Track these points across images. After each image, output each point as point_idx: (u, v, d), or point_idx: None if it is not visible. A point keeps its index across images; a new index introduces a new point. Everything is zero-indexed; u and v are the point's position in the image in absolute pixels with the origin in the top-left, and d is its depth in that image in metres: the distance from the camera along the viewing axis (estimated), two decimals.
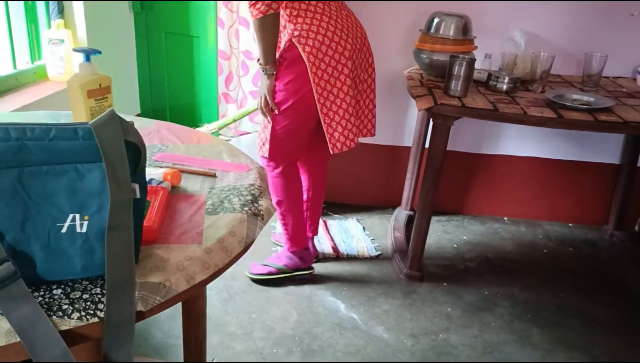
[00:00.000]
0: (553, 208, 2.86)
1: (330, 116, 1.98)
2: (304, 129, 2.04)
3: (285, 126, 2.01)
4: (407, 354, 1.89)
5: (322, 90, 1.94)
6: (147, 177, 1.17)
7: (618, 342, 2.01)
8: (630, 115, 2.02)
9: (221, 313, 2.05)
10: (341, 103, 1.96)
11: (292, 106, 1.97)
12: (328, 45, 1.90)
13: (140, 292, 0.84)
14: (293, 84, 1.94)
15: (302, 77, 1.92)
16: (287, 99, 1.96)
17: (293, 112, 1.98)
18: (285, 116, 1.99)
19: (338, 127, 1.99)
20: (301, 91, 1.94)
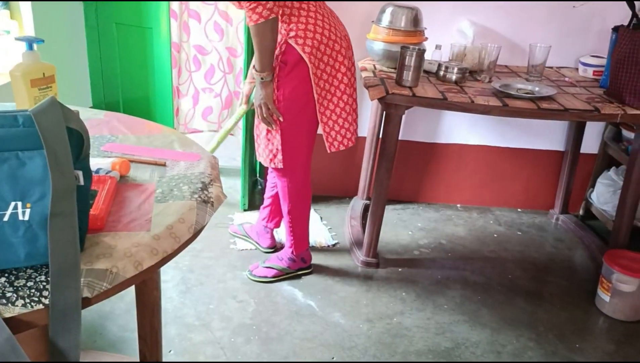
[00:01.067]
0: (503, 195, 2.97)
1: (327, 115, 1.98)
2: (315, 133, 2.02)
3: (297, 134, 1.97)
4: (363, 338, 1.94)
5: (321, 90, 1.93)
6: (95, 167, 1.17)
7: (561, 319, 2.12)
8: (571, 103, 2.12)
9: (178, 305, 2.04)
10: (338, 102, 1.97)
11: (302, 111, 1.94)
12: (326, 44, 1.88)
13: (86, 279, 0.84)
14: (299, 89, 1.90)
15: (306, 80, 1.89)
16: (295, 106, 1.92)
17: (304, 118, 1.95)
18: (296, 124, 1.95)
19: (335, 126, 2.00)
20: (307, 95, 1.91)
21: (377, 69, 2.40)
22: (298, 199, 2.11)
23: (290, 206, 2.12)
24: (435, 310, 2.12)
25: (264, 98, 1.89)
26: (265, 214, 2.36)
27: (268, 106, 1.90)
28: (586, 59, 2.57)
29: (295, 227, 2.17)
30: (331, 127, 2.00)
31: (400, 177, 2.91)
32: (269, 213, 2.35)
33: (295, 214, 2.14)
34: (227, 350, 1.84)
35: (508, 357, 1.89)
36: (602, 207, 2.65)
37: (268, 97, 1.89)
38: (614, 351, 1.97)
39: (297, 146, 2.00)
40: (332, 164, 2.94)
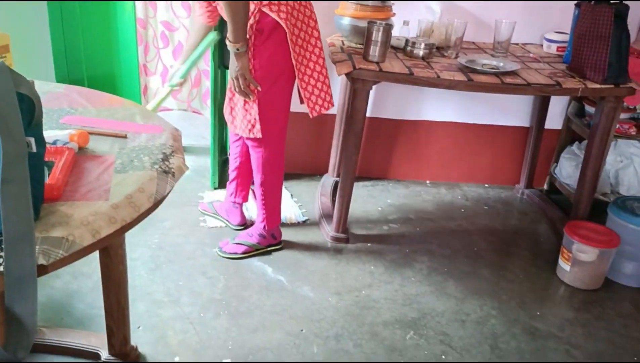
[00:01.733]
0: (470, 170, 3.02)
1: (305, 81, 2.00)
2: (290, 100, 2.03)
3: (275, 102, 1.99)
4: (332, 310, 1.97)
5: (298, 55, 1.94)
6: (52, 138, 1.15)
7: (524, 288, 2.18)
8: (534, 77, 2.16)
9: (147, 282, 2.04)
10: (314, 66, 1.99)
11: (279, 79, 1.95)
12: (298, 9, 1.89)
13: (41, 246, 0.83)
14: (276, 56, 1.91)
15: (283, 46, 1.90)
16: (273, 73, 1.93)
17: (281, 85, 1.97)
18: (273, 92, 1.96)
19: (314, 90, 2.02)
20: (285, 61, 1.92)
21: (345, 45, 2.40)
22: (272, 170, 2.12)
23: (263, 177, 2.13)
24: (403, 282, 2.16)
25: (241, 69, 1.89)
26: (232, 189, 2.35)
27: (245, 77, 1.91)
28: (550, 35, 2.61)
29: (268, 200, 2.17)
30: (311, 91, 2.03)
31: (370, 154, 2.94)
32: (235, 187, 2.34)
33: (268, 186, 2.15)
34: (196, 324, 1.85)
35: (472, 325, 1.95)
36: (565, 181, 2.72)
37: (245, 68, 1.89)
38: (574, 317, 2.05)
39: (275, 114, 2.02)
40: (303, 142, 2.94)
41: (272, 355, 1.75)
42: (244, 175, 2.31)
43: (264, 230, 2.22)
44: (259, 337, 1.82)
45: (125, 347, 1.64)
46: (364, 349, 1.80)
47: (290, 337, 1.83)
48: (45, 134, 1.03)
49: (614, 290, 2.22)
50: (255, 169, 2.14)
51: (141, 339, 1.76)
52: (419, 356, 1.79)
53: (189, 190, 2.66)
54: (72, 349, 1.67)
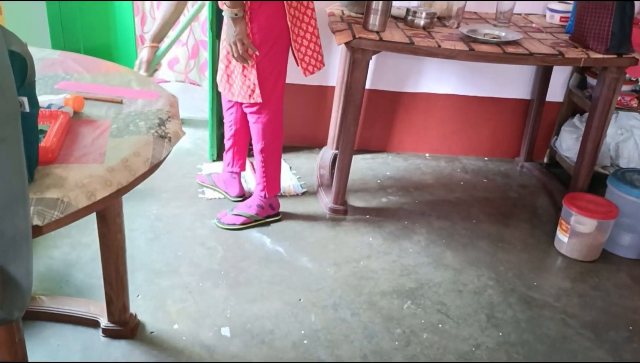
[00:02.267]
0: (470, 143, 3.00)
1: (299, 41, 2.01)
2: (287, 63, 2.04)
3: (273, 65, 1.99)
4: (330, 281, 1.98)
5: (292, 17, 1.95)
6: (47, 102, 1.14)
7: (521, 259, 2.19)
8: (536, 47, 2.13)
9: (146, 252, 2.04)
10: (307, 27, 2.00)
11: (277, 41, 1.96)
12: None
13: (36, 207, 0.83)
14: (273, 18, 1.92)
15: (279, 8, 1.91)
16: (270, 36, 1.93)
17: (279, 48, 1.98)
18: (271, 55, 1.96)
19: (307, 50, 2.04)
20: (281, 23, 1.93)
21: (345, 14, 2.36)
22: (272, 136, 2.11)
23: (263, 143, 2.12)
24: (401, 253, 2.17)
25: (239, 34, 1.88)
26: (229, 159, 2.35)
27: (243, 42, 1.90)
28: (553, 5, 2.57)
29: (268, 167, 2.17)
30: (304, 52, 2.04)
31: (370, 127, 2.92)
32: (232, 156, 2.33)
33: (268, 153, 2.14)
34: (195, 294, 1.86)
35: (469, 295, 1.96)
36: (565, 154, 2.71)
37: (243, 33, 1.89)
38: (570, 288, 2.06)
39: (273, 77, 2.02)
40: (302, 115, 2.92)
41: (270, 323, 1.76)
42: (240, 143, 2.30)
43: (263, 200, 2.22)
44: (257, 306, 1.83)
45: (124, 315, 1.65)
46: (362, 318, 1.82)
47: (289, 306, 1.84)
48: (40, 99, 1.02)
49: (611, 262, 2.23)
50: (255, 136, 2.13)
51: (140, 308, 1.77)
52: (416, 325, 1.80)
53: (188, 162, 2.66)
54: (72, 317, 1.68)
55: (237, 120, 2.24)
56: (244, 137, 2.28)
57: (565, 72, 2.82)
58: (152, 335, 1.69)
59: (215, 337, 1.70)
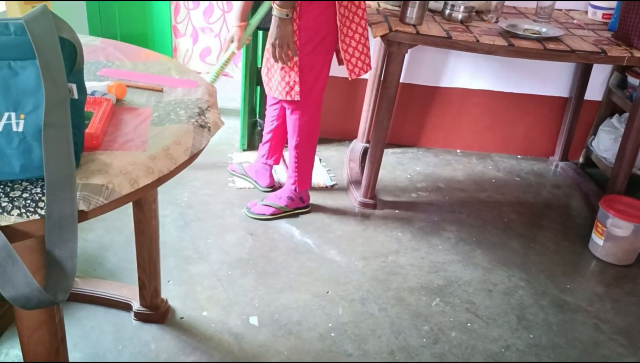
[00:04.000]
0: (503, 141, 2.95)
1: (347, 42, 1.98)
2: (330, 63, 2.01)
3: (316, 65, 1.96)
4: (358, 274, 1.97)
5: (342, 16, 1.92)
6: (91, 89, 1.15)
7: (553, 261, 2.15)
8: (578, 44, 2.07)
9: (177, 239, 2.07)
10: (357, 27, 1.97)
11: (323, 41, 1.93)
12: None
13: (82, 192, 0.84)
14: (322, 17, 1.89)
15: (329, 7, 1.87)
16: (317, 36, 1.90)
17: (324, 48, 1.95)
18: (315, 54, 1.94)
19: (355, 52, 2.01)
20: (330, 22, 1.90)
21: (382, 7, 2.34)
22: (308, 133, 2.11)
23: (298, 140, 2.12)
24: (430, 249, 2.15)
25: (285, 37, 1.85)
26: (264, 151, 2.35)
27: (288, 45, 1.87)
28: (596, 2, 2.50)
29: (301, 163, 2.17)
30: (351, 54, 2.00)
31: (401, 121, 2.89)
32: (268, 149, 2.34)
33: (302, 150, 2.14)
34: (224, 282, 1.88)
35: (499, 296, 1.93)
36: (602, 154, 2.64)
37: (289, 36, 1.85)
38: (604, 292, 2.01)
39: (315, 76, 2.00)
40: (333, 107, 2.91)
41: (297, 314, 1.77)
42: (278, 138, 2.30)
43: (293, 192, 2.22)
44: (285, 296, 1.84)
45: (156, 300, 1.68)
46: (389, 313, 1.81)
47: (316, 298, 1.85)
48: None
49: None
50: (291, 132, 2.13)
51: (171, 293, 1.80)
52: (445, 322, 1.79)
53: (219, 151, 2.68)
54: (105, 299, 1.72)
55: (279, 116, 2.24)
56: (282, 133, 2.29)
57: (605, 71, 2.75)
58: (182, 321, 1.71)
59: (244, 325, 1.71)
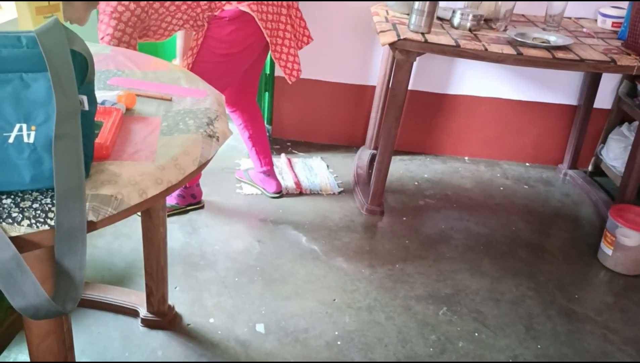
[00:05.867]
0: (512, 148, 2.94)
1: (278, 51, 2.03)
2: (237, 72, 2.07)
3: (225, 73, 2.02)
4: (365, 282, 1.97)
5: (269, 30, 1.95)
6: (101, 99, 1.16)
7: (562, 270, 2.14)
8: (587, 53, 2.07)
9: (184, 246, 2.08)
10: (283, 39, 2.02)
11: (238, 53, 1.97)
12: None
13: (91, 203, 0.85)
14: (239, 33, 1.92)
15: (248, 26, 1.91)
16: (232, 47, 1.94)
17: (238, 59, 1.99)
18: (225, 63, 1.98)
19: (289, 57, 2.06)
20: (247, 38, 1.94)
21: (390, 15, 2.34)
22: None
23: None
24: (437, 258, 2.14)
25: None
26: (254, 160, 2.39)
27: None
28: (605, 10, 2.49)
29: None
30: (285, 59, 2.06)
31: (409, 128, 2.89)
32: (257, 157, 2.37)
33: None
34: (231, 289, 1.89)
35: (507, 305, 1.92)
36: (611, 163, 2.62)
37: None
38: (612, 303, 2.00)
39: (224, 83, 2.07)
40: (340, 114, 2.91)
41: (304, 322, 1.77)
42: (258, 142, 2.35)
43: (182, 190, 2.22)
44: (292, 304, 1.84)
45: (163, 306, 1.69)
46: (396, 322, 1.81)
47: (323, 305, 1.85)
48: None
49: None
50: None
51: (178, 300, 1.81)
52: (452, 332, 1.78)
53: (226, 157, 2.69)
54: (113, 305, 1.73)
55: (247, 123, 2.30)
56: (261, 136, 2.33)
57: (614, 79, 2.73)
58: (188, 328, 1.71)
59: (250, 332, 1.72)
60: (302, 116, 2.92)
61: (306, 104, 2.87)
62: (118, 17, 1.72)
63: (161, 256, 1.63)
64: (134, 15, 1.73)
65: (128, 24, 1.74)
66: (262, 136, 2.33)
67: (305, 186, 2.51)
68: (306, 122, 2.93)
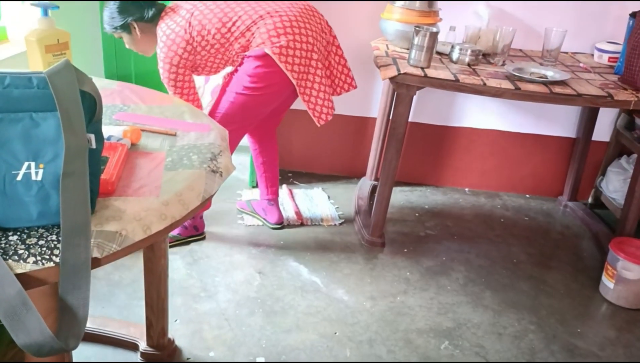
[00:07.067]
0: (511, 180, 2.96)
1: (307, 93, 2.03)
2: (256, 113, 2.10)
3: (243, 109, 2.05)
4: (366, 315, 1.96)
5: (297, 73, 1.97)
6: (107, 134, 1.18)
7: (564, 304, 2.13)
8: (584, 88, 2.10)
9: (185, 277, 2.07)
10: (313, 82, 2.02)
11: (262, 91, 2.00)
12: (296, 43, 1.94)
13: (96, 240, 0.86)
14: (262, 70, 1.95)
15: (273, 69, 1.94)
16: (257, 83, 1.97)
17: (261, 98, 2.02)
18: (247, 98, 2.01)
19: (318, 100, 2.05)
20: (273, 78, 1.96)
21: (390, 49, 2.39)
22: None
23: None
24: (439, 290, 2.13)
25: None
26: (262, 188, 2.41)
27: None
28: (602, 45, 2.54)
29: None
30: (314, 102, 2.05)
31: (409, 159, 2.91)
32: (265, 185, 2.40)
33: None
34: (231, 321, 1.88)
35: (509, 339, 1.91)
36: (611, 195, 2.64)
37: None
38: (615, 337, 1.98)
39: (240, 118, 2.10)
40: (341, 145, 2.94)
41: (305, 355, 1.75)
42: (269, 171, 2.38)
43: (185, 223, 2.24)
44: (292, 337, 1.83)
45: (163, 339, 1.67)
46: (397, 356, 1.79)
47: (324, 338, 1.83)
48: None
49: None
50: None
51: (178, 332, 1.80)
52: None
53: (228, 188, 2.70)
54: (112, 338, 1.71)
55: (261, 152, 2.34)
56: (272, 167, 2.36)
57: (612, 112, 2.77)
58: (188, 362, 1.70)
59: None
60: (304, 147, 2.94)
61: (307, 136, 2.90)
62: (169, 62, 2.00)
63: (162, 288, 1.62)
64: (182, 59, 1.98)
65: (179, 66, 2.01)
66: (273, 165, 2.37)
67: (306, 217, 2.52)
68: (307, 153, 2.96)
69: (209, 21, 1.94)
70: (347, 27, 2.67)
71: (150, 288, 1.62)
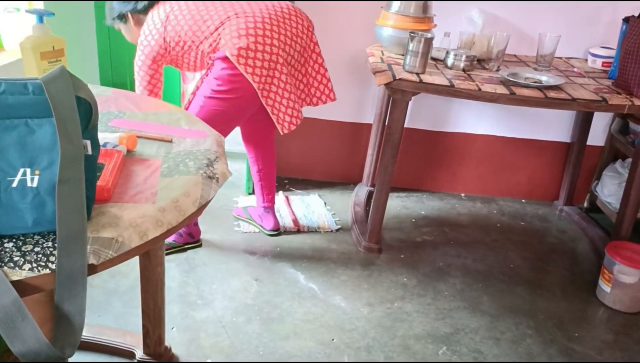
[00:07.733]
0: (507, 185, 2.97)
1: (272, 98, 1.97)
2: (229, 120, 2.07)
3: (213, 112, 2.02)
4: (363, 321, 1.96)
5: (260, 83, 1.92)
6: (102, 141, 1.18)
7: (561, 308, 2.13)
8: (578, 92, 2.11)
9: (182, 284, 2.07)
10: (277, 87, 1.96)
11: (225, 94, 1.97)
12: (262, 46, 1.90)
13: (92, 246, 0.85)
14: (228, 74, 1.92)
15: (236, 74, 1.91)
16: (222, 86, 1.95)
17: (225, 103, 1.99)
18: (214, 103, 1.98)
19: (281, 107, 2.00)
20: (238, 83, 1.93)
21: (385, 55, 2.40)
22: None
23: None
24: (436, 296, 2.13)
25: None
26: (258, 194, 2.41)
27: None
28: (595, 50, 2.56)
29: None
30: (278, 108, 2.00)
31: (405, 165, 2.92)
32: (261, 192, 2.39)
33: None
34: (228, 328, 1.87)
35: (507, 344, 1.90)
36: (606, 199, 2.65)
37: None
38: (612, 341, 1.98)
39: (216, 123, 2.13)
40: (337, 151, 2.94)
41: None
42: (265, 179, 2.38)
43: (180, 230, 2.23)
44: (290, 344, 1.82)
45: (159, 347, 1.66)
46: (395, 362, 1.78)
47: (321, 345, 1.83)
48: None
49: None
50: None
51: (175, 340, 1.79)
52: None
53: (224, 195, 2.70)
54: (108, 347, 1.70)
55: (257, 159, 2.34)
56: (269, 174, 2.36)
57: (607, 116, 2.78)
58: None
59: None
60: (300, 154, 2.95)
61: (303, 142, 2.90)
62: (145, 52, 2.04)
63: (158, 296, 1.61)
64: (158, 54, 2.03)
65: (153, 60, 2.06)
66: (270, 173, 2.35)
67: (303, 224, 2.51)
68: (303, 159, 2.96)
69: (183, 17, 1.95)
70: (342, 34, 2.69)
71: (146, 296, 1.61)
